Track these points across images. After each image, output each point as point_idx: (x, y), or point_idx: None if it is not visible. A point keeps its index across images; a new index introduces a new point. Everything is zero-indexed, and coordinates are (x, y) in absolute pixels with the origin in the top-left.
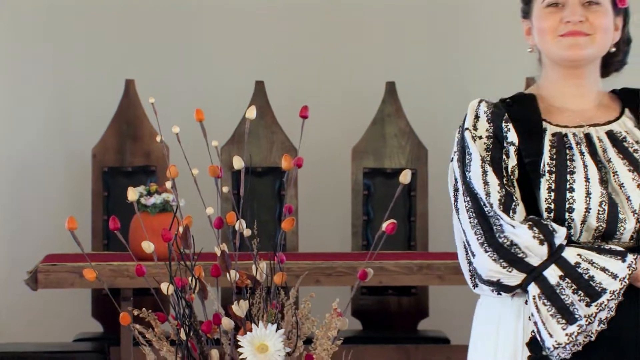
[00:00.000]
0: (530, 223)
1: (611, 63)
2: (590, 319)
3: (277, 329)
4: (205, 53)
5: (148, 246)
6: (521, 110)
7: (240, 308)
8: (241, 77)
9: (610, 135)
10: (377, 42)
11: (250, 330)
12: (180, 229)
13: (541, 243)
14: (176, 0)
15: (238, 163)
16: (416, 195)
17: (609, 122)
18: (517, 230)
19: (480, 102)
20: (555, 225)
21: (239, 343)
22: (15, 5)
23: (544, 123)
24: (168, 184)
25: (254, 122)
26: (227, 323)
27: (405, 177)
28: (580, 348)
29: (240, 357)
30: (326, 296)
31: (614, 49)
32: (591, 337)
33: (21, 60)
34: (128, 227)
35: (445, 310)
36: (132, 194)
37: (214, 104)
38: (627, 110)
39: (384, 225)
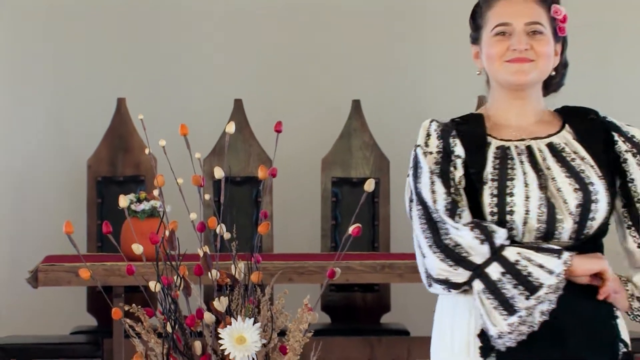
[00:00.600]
0: (472, 225)
1: (551, 84)
2: (530, 311)
3: (254, 322)
4: (190, 74)
5: (137, 248)
6: (469, 128)
7: (220, 304)
8: (221, 96)
9: (551, 146)
10: (345, 64)
11: (230, 324)
12: (167, 233)
13: (482, 243)
14: (164, 27)
15: (219, 173)
16: (379, 202)
17: (550, 135)
18: (460, 232)
19: (431, 121)
20: (495, 227)
21: (220, 335)
22: (16, 32)
23: (489, 138)
24: (156, 192)
25: (233, 136)
26: (209, 317)
27: (369, 186)
28: (525, 337)
29: (221, 348)
30: (298, 293)
31: (554, 73)
32: (534, 327)
33: (24, 82)
34: (119, 231)
35: (406, 305)
36: (123, 201)
37: (197, 120)
38: (567, 126)
39: (350, 229)
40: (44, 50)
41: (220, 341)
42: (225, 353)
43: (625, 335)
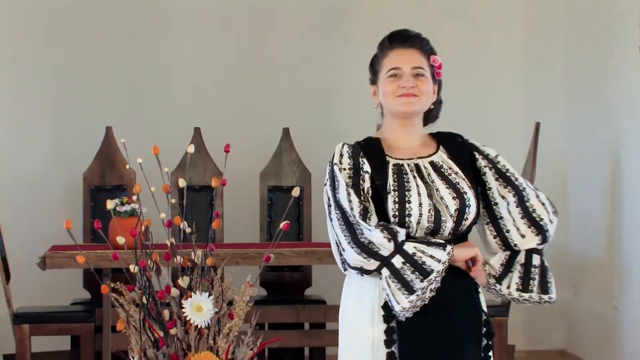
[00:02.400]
0: (381, 227)
1: (429, 116)
2: (424, 290)
3: (209, 295)
4: (160, 108)
5: (121, 240)
6: (371, 149)
7: (183, 281)
8: (185, 125)
9: (432, 164)
10: (277, 100)
11: (191, 297)
12: (143, 228)
13: (389, 240)
14: (141, 75)
15: (182, 183)
16: (303, 204)
17: (430, 155)
18: (372, 233)
19: (343, 144)
20: (397, 228)
21: (183, 305)
22: (25, 76)
23: (387, 157)
24: (134, 197)
25: (193, 155)
26: (174, 292)
27: (295, 192)
28: (418, 309)
29: (184, 315)
30: (242, 273)
31: (432, 107)
32: (426, 301)
33: (33, 115)
34: (107, 227)
35: (323, 281)
36: (110, 204)
37: (165, 143)
38: (441, 147)
39: (282, 224)
40: (49, 91)
41: (183, 310)
42: (187, 319)
43: (484, 305)
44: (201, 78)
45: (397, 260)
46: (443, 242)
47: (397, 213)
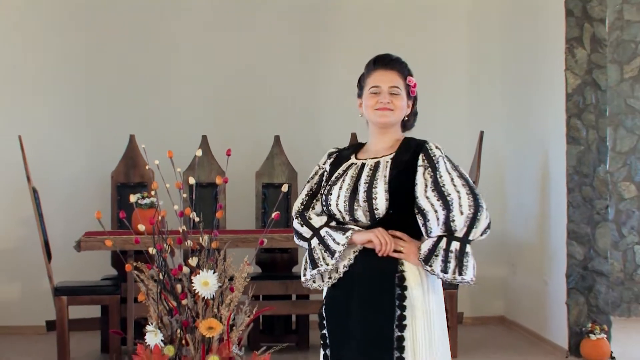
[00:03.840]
0: (299, 217)
1: (406, 126)
2: (332, 266)
3: (214, 272)
4: (175, 119)
5: (141, 227)
6: (346, 152)
7: (193, 261)
8: (194, 133)
9: (377, 163)
10: (270, 112)
11: (199, 274)
12: (159, 218)
13: (302, 226)
14: (161, 90)
15: (192, 180)
16: (291, 198)
17: (384, 156)
18: (294, 222)
19: (332, 149)
20: (315, 217)
21: (192, 281)
22: (65, 95)
23: (353, 158)
24: (153, 193)
25: (201, 158)
26: (185, 270)
27: (285, 188)
28: (335, 281)
29: (193, 288)
30: (241, 254)
31: (407, 118)
32: (340, 275)
33: (74, 127)
34: (131, 217)
35: None
36: (133, 198)
37: (178, 147)
38: (398, 150)
39: (273, 215)
40: (84, 109)
41: (192, 284)
42: (196, 292)
43: (410, 281)
44: (207, 95)
45: (315, 241)
46: (349, 227)
47: (323, 202)
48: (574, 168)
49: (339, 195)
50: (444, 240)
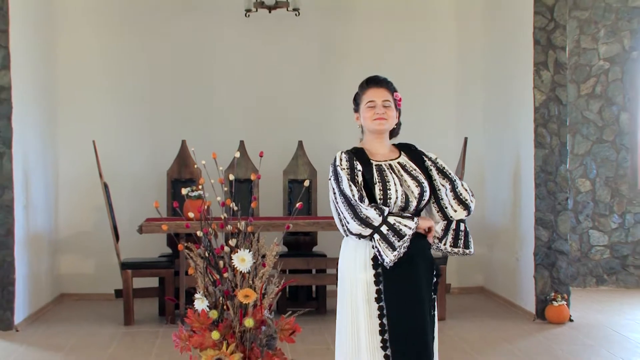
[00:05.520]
0: (374, 206)
1: (393, 133)
2: (401, 247)
3: (249, 251)
4: (217, 126)
5: (191, 214)
6: (360, 155)
7: (232, 242)
8: (233, 137)
9: (400, 164)
10: (295, 121)
11: (237, 252)
12: (205, 207)
13: (379, 215)
14: (205, 99)
15: (231, 177)
16: (311, 191)
17: (396, 158)
18: (368, 210)
19: (342, 152)
20: (383, 207)
21: (232, 258)
22: (129, 108)
23: (370, 160)
24: (200, 187)
25: (239, 159)
26: (226, 249)
27: (307, 183)
28: (397, 260)
29: (233, 264)
30: (271, 236)
31: (395, 127)
32: (401, 254)
33: (137, 134)
34: (182, 206)
35: (325, 242)
36: (184, 191)
37: (220, 150)
38: (402, 153)
39: (297, 205)
40: (145, 118)
41: (232, 261)
42: (235, 267)
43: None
44: (245, 107)
45: (384, 228)
46: (411, 215)
47: (382, 197)
48: (540, 167)
49: (396, 191)
50: (454, 222)
